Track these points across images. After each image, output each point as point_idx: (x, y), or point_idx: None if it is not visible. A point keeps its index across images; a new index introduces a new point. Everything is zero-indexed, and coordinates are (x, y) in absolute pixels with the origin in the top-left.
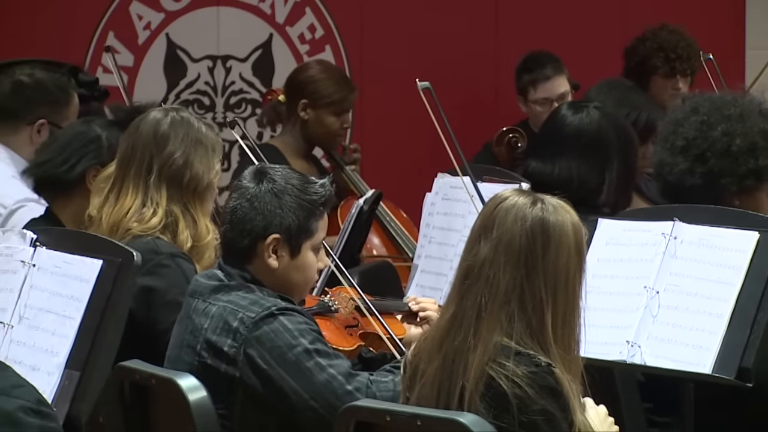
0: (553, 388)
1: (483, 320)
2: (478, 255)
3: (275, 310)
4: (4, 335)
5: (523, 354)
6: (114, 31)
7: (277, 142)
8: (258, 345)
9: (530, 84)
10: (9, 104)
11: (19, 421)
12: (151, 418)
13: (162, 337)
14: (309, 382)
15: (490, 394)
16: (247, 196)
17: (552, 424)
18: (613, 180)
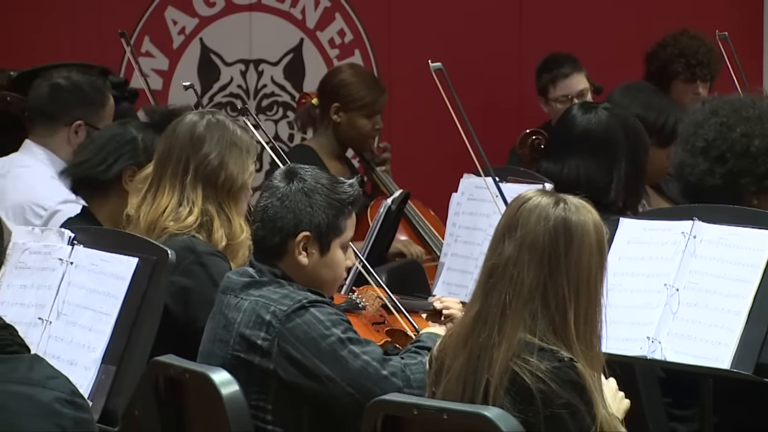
0: (575, 382)
1: (507, 317)
2: (503, 254)
3: (306, 302)
4: (43, 331)
5: (546, 350)
6: (149, 35)
7: (312, 144)
8: (291, 337)
9: (550, 82)
10: (47, 106)
11: (54, 411)
12: (185, 411)
13: (201, 335)
14: (345, 370)
15: (514, 389)
16: (278, 195)
17: (576, 417)
18: (622, 179)
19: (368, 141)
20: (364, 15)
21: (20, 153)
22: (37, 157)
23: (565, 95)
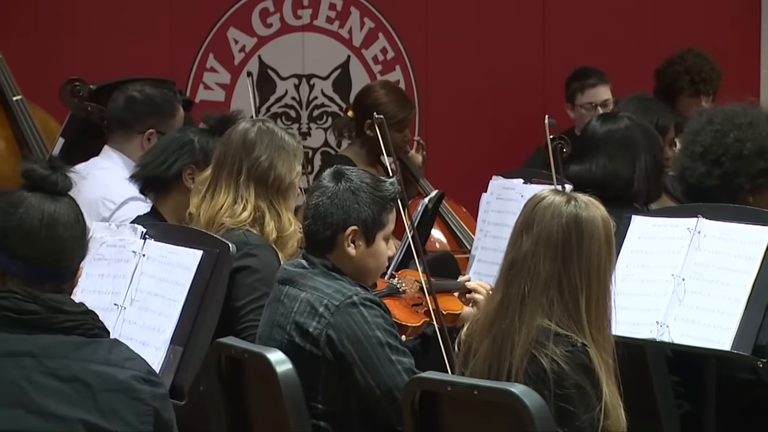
0: (586, 366)
1: (526, 305)
2: (521, 248)
3: (356, 299)
4: (118, 315)
5: (562, 335)
6: (213, 53)
7: (349, 153)
8: (338, 329)
9: (578, 90)
10: (123, 116)
11: (132, 387)
12: (245, 387)
13: (235, 313)
14: (377, 372)
15: (531, 370)
16: (328, 194)
17: (584, 397)
18: (643, 171)
19: (398, 152)
20: (403, 35)
21: (99, 157)
22: (114, 161)
23: (590, 102)
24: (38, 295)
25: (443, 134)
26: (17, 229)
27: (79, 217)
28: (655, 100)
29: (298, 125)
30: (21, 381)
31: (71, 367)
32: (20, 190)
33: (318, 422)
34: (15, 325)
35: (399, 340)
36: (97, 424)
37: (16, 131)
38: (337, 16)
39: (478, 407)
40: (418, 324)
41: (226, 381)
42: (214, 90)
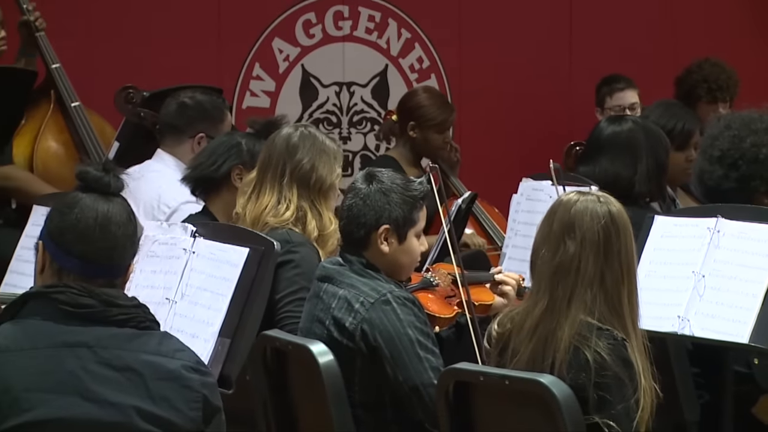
0: (626, 359)
1: (573, 303)
2: (566, 253)
3: (390, 296)
4: (170, 309)
5: (604, 329)
6: (259, 62)
7: (394, 153)
8: (372, 324)
9: (607, 94)
10: (175, 121)
11: (181, 376)
12: (288, 377)
13: (274, 305)
14: (405, 368)
15: (574, 361)
16: (361, 196)
17: (621, 388)
18: (644, 173)
19: (440, 152)
20: (438, 45)
21: (153, 160)
22: (167, 164)
23: (619, 105)
24: (93, 289)
25: (476, 139)
26: (73, 228)
27: (131, 217)
28: (680, 105)
29: (339, 130)
30: (78, 370)
31: (124, 357)
32: (75, 192)
33: (356, 411)
34: (71, 317)
35: (431, 338)
36: (150, 411)
37: (74, 136)
38: (375, 27)
39: (509, 397)
40: (451, 315)
41: (271, 371)
42: (259, 97)
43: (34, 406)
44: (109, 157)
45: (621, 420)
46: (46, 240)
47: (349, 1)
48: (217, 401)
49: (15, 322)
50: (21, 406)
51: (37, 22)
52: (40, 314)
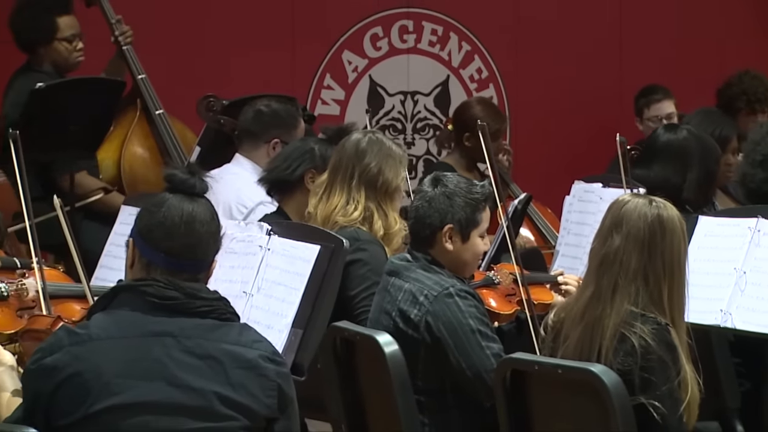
0: (669, 343)
1: (617, 294)
2: (612, 246)
3: (453, 290)
4: (247, 302)
5: (648, 316)
6: (330, 72)
7: (450, 160)
8: (435, 316)
9: (645, 105)
10: (252, 127)
11: (258, 365)
12: (357, 365)
13: (349, 301)
14: (468, 356)
15: (621, 347)
16: (427, 198)
17: (665, 370)
18: (693, 182)
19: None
20: (497, 57)
21: (231, 164)
22: (244, 167)
23: (656, 116)
24: (178, 283)
25: (531, 144)
26: (160, 225)
27: (214, 216)
28: (719, 112)
29: (404, 136)
30: (163, 358)
31: (206, 347)
32: (163, 192)
33: (419, 397)
34: (158, 309)
35: (490, 327)
36: (229, 396)
37: (159, 141)
38: (438, 40)
39: (562, 385)
40: (510, 312)
41: (341, 360)
42: (330, 105)
43: (123, 390)
44: (190, 161)
45: (665, 400)
46: (136, 237)
47: (414, 16)
48: (291, 390)
49: (106, 312)
50: (111, 390)
51: (122, 37)
52: (129, 305)
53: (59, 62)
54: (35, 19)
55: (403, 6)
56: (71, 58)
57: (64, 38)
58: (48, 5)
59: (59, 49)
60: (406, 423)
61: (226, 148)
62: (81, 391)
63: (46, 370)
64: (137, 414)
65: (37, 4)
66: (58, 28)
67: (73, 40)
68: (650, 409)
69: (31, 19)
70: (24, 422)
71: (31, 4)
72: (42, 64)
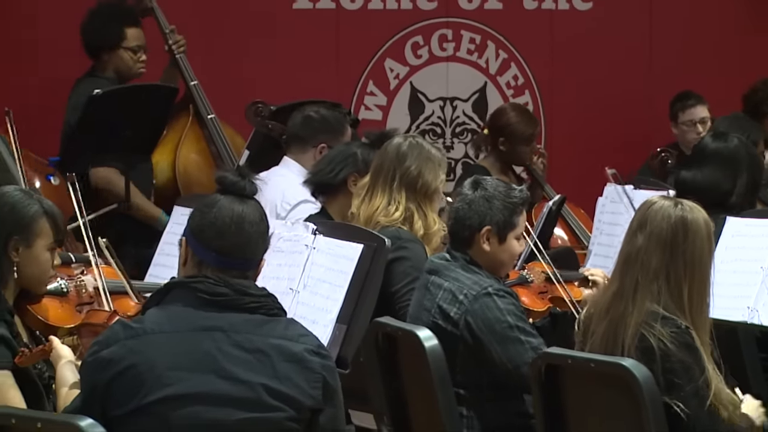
0: (689, 345)
1: (638, 292)
2: (635, 245)
3: (491, 290)
4: (293, 298)
5: (668, 318)
6: (373, 79)
7: (485, 163)
8: (474, 315)
9: (680, 110)
10: (301, 132)
11: (304, 358)
12: (398, 359)
13: (392, 297)
14: (507, 350)
15: (641, 347)
16: (466, 201)
17: (687, 371)
18: (742, 187)
19: (527, 161)
20: (531, 64)
21: (279, 166)
22: (291, 169)
23: (690, 120)
24: (228, 280)
25: (565, 147)
26: (211, 225)
27: (263, 217)
28: (746, 117)
29: (443, 140)
30: (213, 351)
31: (254, 341)
32: (215, 194)
33: (458, 390)
34: (209, 304)
35: (527, 323)
36: (275, 388)
37: (210, 145)
38: (476, 48)
39: (595, 378)
40: (543, 309)
41: (383, 354)
42: (372, 110)
43: (175, 381)
44: (240, 164)
45: (691, 399)
46: (188, 236)
47: (453, 26)
48: (335, 381)
49: (159, 307)
50: (164, 381)
51: (175, 46)
52: (181, 301)
53: (122, 70)
54: (104, 26)
55: (443, 16)
56: (134, 68)
57: (129, 48)
58: (118, 15)
59: (123, 57)
60: (445, 415)
61: (274, 152)
62: (135, 382)
63: (102, 362)
64: (188, 405)
65: (108, 13)
66: (125, 37)
67: (137, 51)
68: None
69: (100, 25)
70: (81, 412)
71: (102, 12)
72: (105, 71)
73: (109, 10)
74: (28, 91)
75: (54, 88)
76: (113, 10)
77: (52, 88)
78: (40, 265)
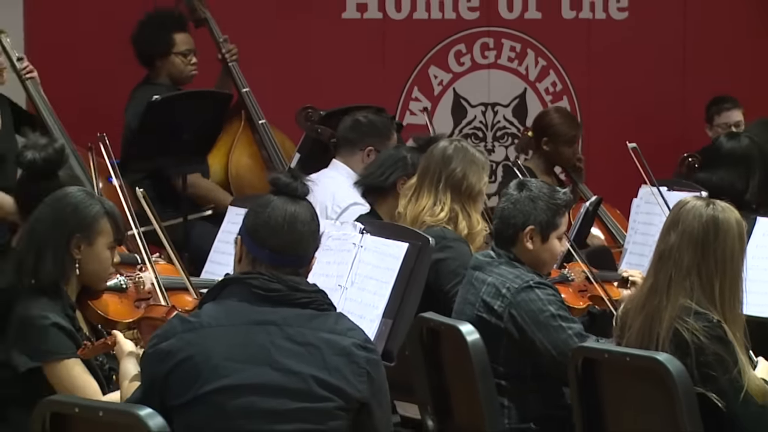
0: (721, 338)
1: (672, 288)
2: (669, 242)
3: (533, 283)
4: (341, 294)
5: (700, 313)
6: (417, 86)
7: (530, 164)
8: (517, 307)
9: (715, 113)
10: (349, 135)
11: (352, 352)
12: (441, 352)
13: (444, 295)
14: (552, 338)
15: (675, 341)
16: (512, 200)
17: (721, 363)
18: (756, 186)
19: (569, 163)
20: (569, 71)
21: (329, 168)
22: (340, 171)
23: (726, 123)
24: (281, 276)
25: (601, 151)
26: (265, 224)
27: (314, 217)
28: None
29: (485, 143)
30: (267, 344)
31: (305, 334)
32: (268, 195)
33: (500, 381)
34: (263, 300)
35: (568, 312)
36: (325, 379)
37: (261, 149)
38: (516, 56)
39: (630, 371)
40: (582, 306)
41: (427, 348)
42: (417, 115)
43: (230, 373)
44: (291, 166)
45: (727, 390)
46: (243, 235)
47: (494, 34)
48: (381, 374)
49: (216, 302)
50: (220, 373)
51: (228, 54)
52: (236, 296)
53: (175, 75)
54: (154, 35)
55: (485, 25)
56: (186, 71)
57: (179, 52)
58: (165, 23)
59: (175, 62)
60: (486, 405)
61: (323, 155)
62: (192, 373)
63: (161, 354)
64: (243, 395)
65: (156, 22)
66: (174, 43)
67: (187, 54)
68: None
69: (150, 35)
70: (142, 402)
71: (151, 23)
72: (159, 77)
73: (157, 20)
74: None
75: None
76: (161, 18)
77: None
78: (100, 262)
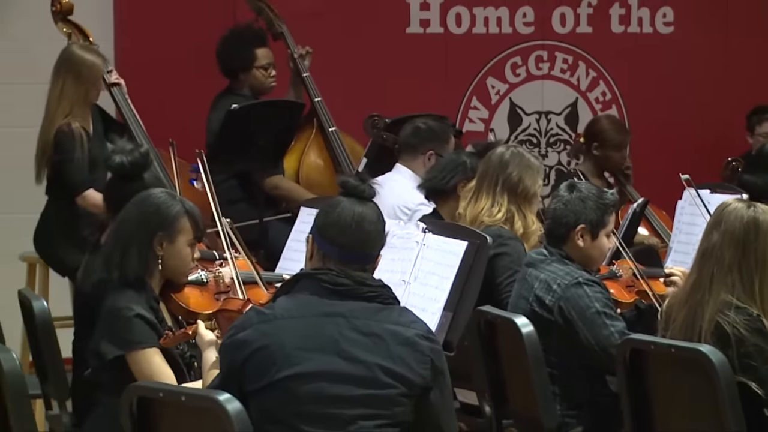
0: (761, 330)
1: (714, 283)
2: (711, 241)
3: (582, 280)
4: (405, 289)
5: (741, 307)
6: (476, 95)
7: (581, 168)
8: (566, 301)
9: (757, 122)
10: (411, 141)
11: (415, 342)
12: (498, 343)
13: (496, 287)
14: (596, 333)
15: (717, 334)
16: (563, 201)
17: (762, 354)
18: None
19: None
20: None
21: (393, 172)
22: (403, 175)
23: (766, 132)
24: (349, 272)
25: (648, 156)
26: (335, 224)
27: (380, 217)
28: None
29: (538, 149)
30: (335, 335)
31: (371, 326)
32: (338, 196)
33: (551, 370)
34: (331, 293)
35: (614, 310)
36: (389, 368)
37: (332, 154)
38: (568, 68)
39: (675, 362)
40: (630, 301)
41: (484, 339)
42: (475, 123)
43: (301, 361)
44: (359, 170)
45: (765, 379)
46: (314, 233)
47: (548, 48)
48: (442, 364)
49: (289, 296)
50: (292, 361)
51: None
52: (308, 290)
53: (256, 86)
54: (237, 50)
55: (539, 39)
56: (266, 83)
57: (261, 66)
58: (248, 39)
59: (257, 75)
60: (539, 393)
61: (388, 159)
62: (267, 361)
63: (238, 344)
64: (314, 381)
65: (240, 38)
66: (256, 58)
67: (268, 68)
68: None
69: (233, 50)
70: (221, 389)
71: (235, 38)
72: (242, 88)
73: (239, 35)
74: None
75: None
76: (243, 34)
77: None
78: (182, 258)
